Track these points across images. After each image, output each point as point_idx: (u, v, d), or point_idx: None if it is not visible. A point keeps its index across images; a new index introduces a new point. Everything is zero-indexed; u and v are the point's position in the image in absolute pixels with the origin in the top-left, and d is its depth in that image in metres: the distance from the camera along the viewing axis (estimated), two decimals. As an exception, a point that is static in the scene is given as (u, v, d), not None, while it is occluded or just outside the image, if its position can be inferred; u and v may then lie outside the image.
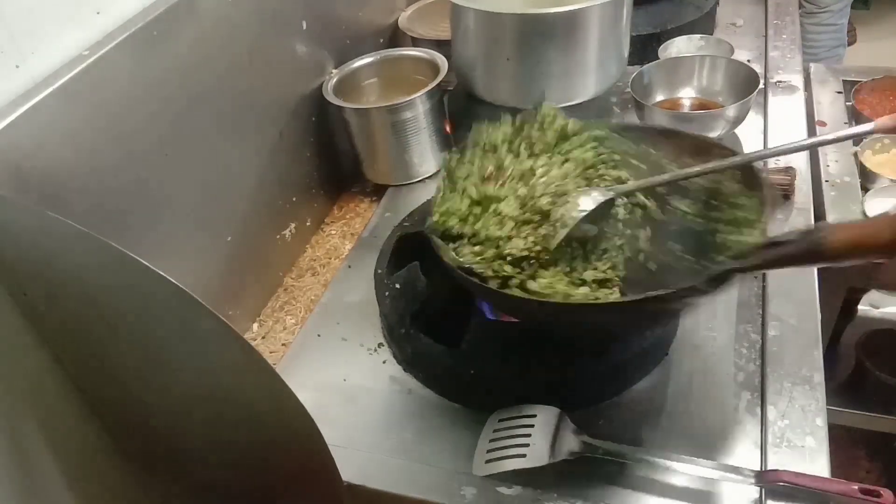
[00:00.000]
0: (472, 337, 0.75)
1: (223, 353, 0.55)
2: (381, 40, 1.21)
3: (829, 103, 1.21)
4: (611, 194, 0.73)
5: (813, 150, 1.09)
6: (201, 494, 0.82)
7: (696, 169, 0.71)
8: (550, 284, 0.69)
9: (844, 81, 1.25)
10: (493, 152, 0.77)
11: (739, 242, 0.63)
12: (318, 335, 0.86)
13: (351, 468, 0.67)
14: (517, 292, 0.67)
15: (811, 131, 1.13)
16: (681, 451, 0.67)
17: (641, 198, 0.75)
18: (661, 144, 0.78)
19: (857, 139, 1.14)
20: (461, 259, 0.69)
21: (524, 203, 0.73)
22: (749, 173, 0.68)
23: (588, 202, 0.72)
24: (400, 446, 0.72)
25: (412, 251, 0.82)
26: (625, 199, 0.75)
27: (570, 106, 1.01)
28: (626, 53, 1.07)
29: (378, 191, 1.08)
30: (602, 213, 0.74)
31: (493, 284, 0.68)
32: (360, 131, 1.02)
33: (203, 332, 0.54)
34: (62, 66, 0.62)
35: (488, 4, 0.96)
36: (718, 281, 0.58)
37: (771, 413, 0.68)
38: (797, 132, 1.04)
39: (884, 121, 0.61)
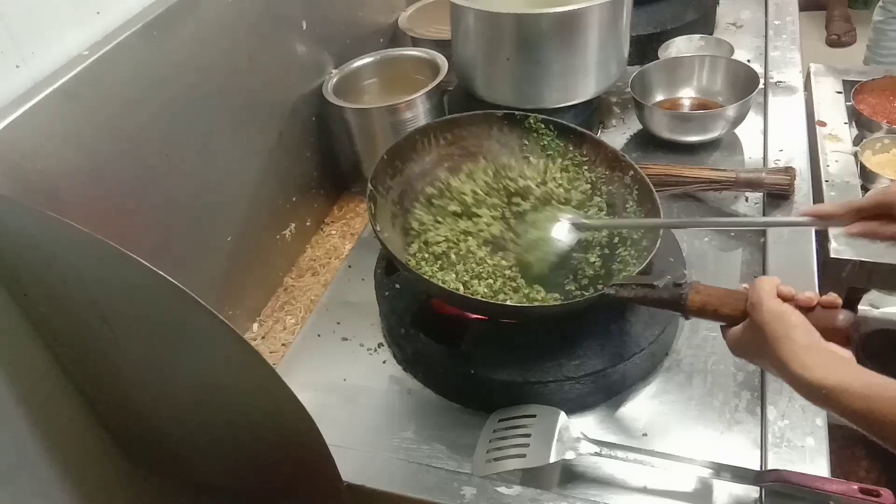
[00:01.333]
0: (472, 337, 0.75)
1: (223, 353, 0.55)
2: (381, 40, 1.21)
3: (829, 103, 1.21)
4: (579, 233, 0.80)
5: (813, 150, 1.08)
6: (201, 494, 0.82)
7: (670, 221, 0.85)
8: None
9: (844, 81, 1.25)
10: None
11: (623, 273, 0.75)
12: (318, 335, 0.86)
13: (351, 468, 0.67)
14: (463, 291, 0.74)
15: (811, 132, 1.13)
16: (681, 451, 0.67)
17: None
18: (583, 147, 0.88)
19: (857, 140, 1.14)
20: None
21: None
22: (652, 209, 0.80)
23: (567, 237, 0.79)
24: (400, 446, 0.72)
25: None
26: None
27: (570, 106, 1.01)
28: (626, 53, 1.07)
29: (378, 191, 1.08)
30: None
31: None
32: (360, 131, 1.02)
33: (203, 333, 0.54)
34: (62, 66, 0.62)
35: (488, 4, 0.96)
36: (595, 300, 0.70)
37: (771, 413, 0.68)
38: (797, 132, 1.04)
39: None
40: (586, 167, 0.87)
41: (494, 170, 0.86)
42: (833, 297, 0.57)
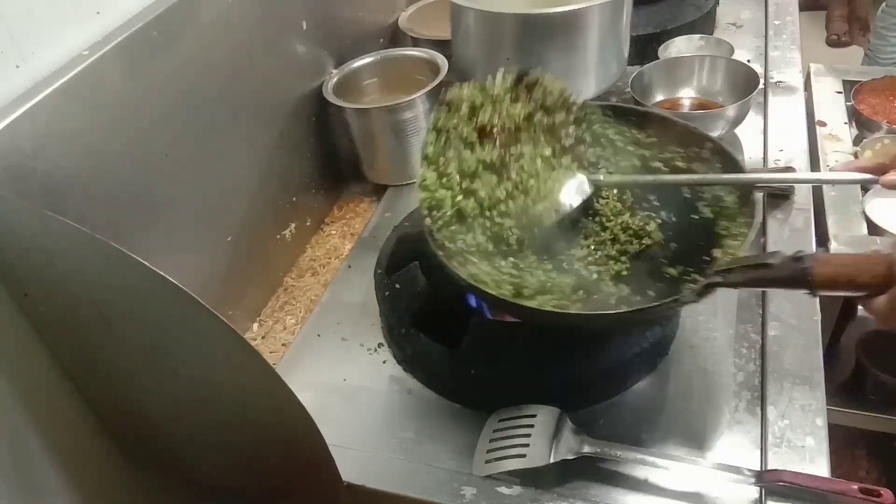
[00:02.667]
0: (472, 337, 0.75)
1: (223, 353, 0.55)
2: (381, 40, 1.21)
3: (829, 103, 1.21)
4: (590, 189, 0.75)
5: (813, 150, 1.08)
6: (201, 494, 0.82)
7: (697, 177, 0.74)
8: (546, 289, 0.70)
9: (844, 81, 1.25)
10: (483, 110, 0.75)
11: (726, 255, 0.65)
12: (318, 335, 0.86)
13: (351, 468, 0.67)
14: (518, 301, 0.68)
15: (811, 132, 1.13)
16: (681, 451, 0.67)
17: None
18: (650, 128, 0.80)
19: (857, 140, 1.14)
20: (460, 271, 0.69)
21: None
22: (745, 191, 0.70)
23: (575, 197, 0.74)
24: (400, 446, 0.72)
25: (412, 251, 0.82)
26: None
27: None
28: (626, 53, 1.07)
29: (378, 191, 1.08)
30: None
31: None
32: (360, 131, 1.02)
33: (203, 332, 0.54)
34: (62, 66, 0.62)
35: (488, 4, 0.96)
36: (700, 294, 0.61)
37: (771, 413, 0.68)
38: (797, 132, 1.04)
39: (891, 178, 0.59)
40: (657, 149, 0.80)
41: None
42: None
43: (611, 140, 0.82)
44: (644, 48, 1.19)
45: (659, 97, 1.12)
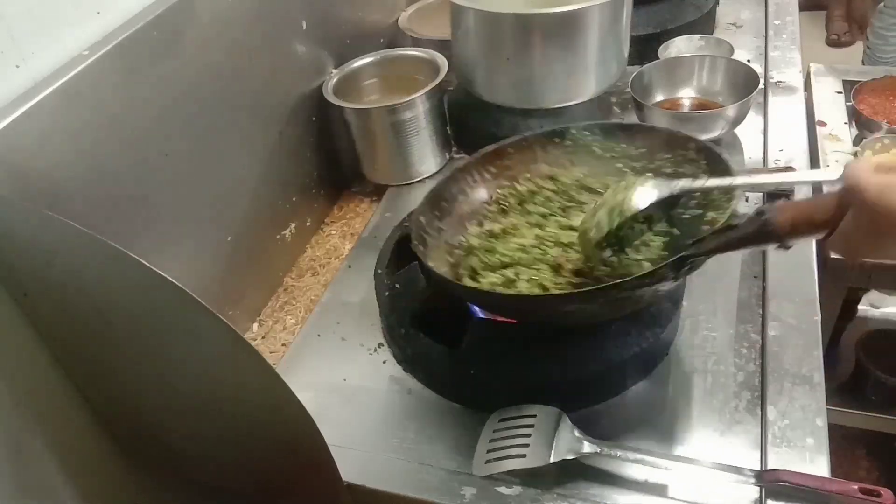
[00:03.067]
0: (471, 337, 0.75)
1: (223, 353, 0.55)
2: (381, 40, 1.21)
3: (829, 103, 1.21)
4: (668, 191, 0.70)
5: (813, 150, 1.09)
6: (201, 494, 0.82)
7: (747, 180, 0.73)
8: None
9: (844, 81, 1.25)
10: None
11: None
12: (318, 335, 0.86)
13: (351, 468, 0.67)
14: (490, 288, 0.70)
15: (811, 132, 1.13)
16: (681, 451, 0.67)
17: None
18: (637, 139, 0.81)
19: (857, 140, 1.14)
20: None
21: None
22: (726, 170, 0.70)
23: (645, 197, 0.70)
24: (400, 446, 0.72)
25: (412, 251, 0.82)
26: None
27: (570, 106, 1.01)
28: (626, 53, 1.07)
29: (378, 191, 1.08)
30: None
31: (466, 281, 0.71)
32: (360, 131, 1.02)
33: (203, 332, 0.54)
34: (62, 66, 0.62)
35: (488, 4, 0.96)
36: (675, 267, 0.60)
37: (771, 413, 0.68)
38: (797, 132, 1.04)
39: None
40: (646, 160, 0.81)
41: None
42: None
43: (598, 157, 0.83)
44: (644, 48, 1.19)
45: (659, 97, 1.12)
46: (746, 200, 0.96)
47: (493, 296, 0.69)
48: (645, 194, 0.69)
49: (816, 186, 0.93)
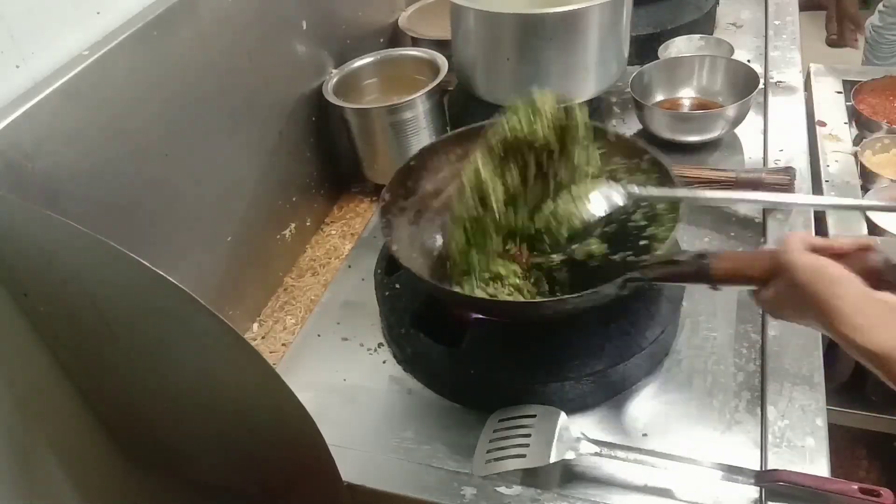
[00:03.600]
0: (472, 337, 0.75)
1: (223, 353, 0.55)
2: (381, 40, 1.21)
3: (830, 103, 1.21)
4: (621, 201, 0.74)
5: (813, 150, 1.08)
6: (201, 494, 0.82)
7: (719, 195, 0.80)
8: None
9: (844, 81, 1.25)
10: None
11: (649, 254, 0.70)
12: (318, 335, 0.86)
13: (351, 468, 0.67)
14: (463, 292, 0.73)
15: (811, 132, 1.13)
16: (681, 451, 0.67)
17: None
18: (596, 140, 0.81)
19: (857, 140, 1.14)
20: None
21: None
22: (667, 180, 0.76)
23: (602, 205, 0.74)
24: (400, 446, 0.72)
25: (412, 251, 0.82)
26: None
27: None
28: (626, 53, 1.07)
29: (378, 191, 1.08)
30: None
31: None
32: (360, 131, 1.02)
33: (203, 332, 0.54)
34: (62, 66, 0.62)
35: (488, 4, 0.96)
36: (620, 287, 0.67)
37: (771, 413, 0.68)
38: (797, 132, 1.04)
39: None
40: (603, 161, 0.81)
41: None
42: (867, 239, 0.54)
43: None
44: (644, 48, 1.19)
45: (659, 97, 1.12)
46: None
47: (455, 295, 0.72)
48: (600, 202, 0.74)
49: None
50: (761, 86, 1.07)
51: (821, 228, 0.94)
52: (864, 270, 0.51)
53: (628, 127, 1.12)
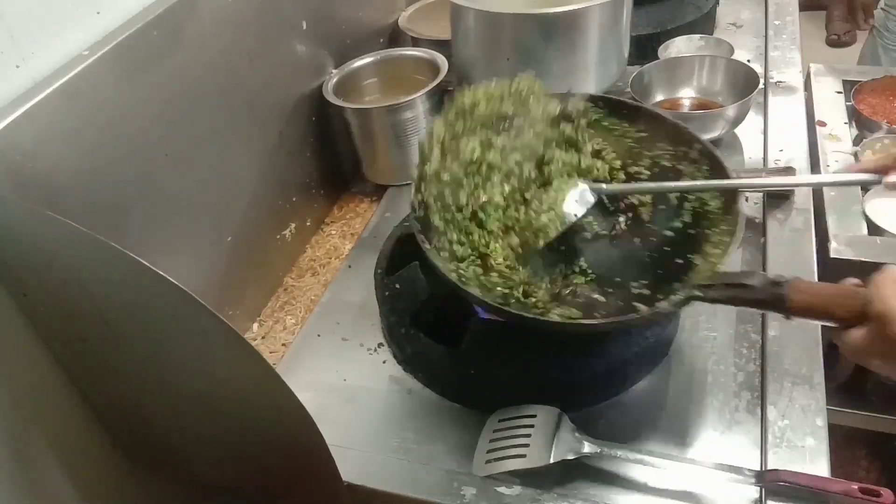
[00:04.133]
0: (472, 337, 0.75)
1: (223, 353, 0.55)
2: (381, 40, 1.21)
3: (830, 103, 1.21)
4: (593, 198, 0.75)
5: (813, 150, 1.08)
6: (201, 494, 0.82)
7: (687, 184, 0.74)
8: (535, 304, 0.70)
9: (844, 81, 1.25)
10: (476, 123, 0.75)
11: (706, 268, 0.65)
12: (318, 335, 0.86)
13: (351, 468, 0.67)
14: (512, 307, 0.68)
15: (811, 132, 1.13)
16: (681, 452, 0.67)
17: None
18: (641, 122, 0.80)
19: (857, 140, 1.14)
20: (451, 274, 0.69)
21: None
22: (731, 198, 0.70)
23: (577, 207, 0.74)
24: (400, 446, 0.72)
25: (412, 251, 0.82)
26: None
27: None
28: (626, 53, 1.07)
29: (378, 191, 1.08)
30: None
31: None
32: (360, 131, 1.02)
33: (203, 332, 0.54)
34: (62, 66, 0.62)
35: (488, 4, 0.96)
36: (678, 305, 0.62)
37: (771, 413, 0.68)
38: (797, 132, 1.04)
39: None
40: (645, 145, 0.79)
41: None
42: None
43: (608, 129, 0.81)
44: (644, 48, 1.19)
45: (659, 97, 1.12)
46: (746, 200, 0.96)
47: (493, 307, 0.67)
48: (575, 204, 0.73)
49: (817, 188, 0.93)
50: (761, 86, 1.07)
51: (820, 227, 0.94)
52: None
53: (628, 127, 1.12)
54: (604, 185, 0.75)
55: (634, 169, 0.79)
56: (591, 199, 0.74)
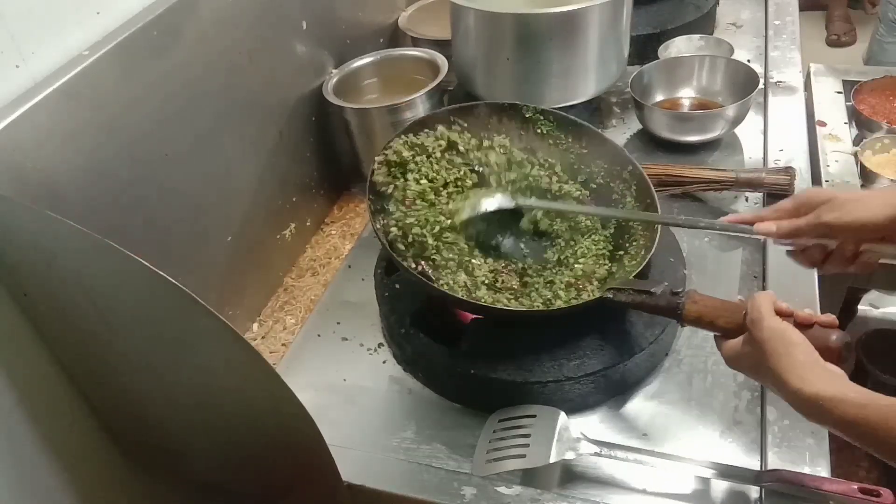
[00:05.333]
0: (471, 337, 0.75)
1: (223, 353, 0.55)
2: (381, 40, 1.21)
3: (829, 103, 1.21)
4: (511, 204, 0.81)
5: (813, 150, 1.08)
6: (201, 494, 0.82)
7: (614, 213, 0.84)
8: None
9: (844, 81, 1.25)
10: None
11: (622, 276, 0.74)
12: (318, 335, 0.86)
13: (351, 468, 0.67)
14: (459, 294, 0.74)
15: (811, 132, 1.13)
16: (681, 451, 0.67)
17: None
18: (584, 140, 0.87)
19: (857, 140, 1.14)
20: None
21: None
22: (650, 205, 0.79)
23: (491, 203, 0.81)
24: (400, 446, 0.72)
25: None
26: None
27: (570, 106, 1.01)
28: (626, 53, 1.07)
29: (378, 191, 1.08)
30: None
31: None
32: (360, 131, 1.02)
33: (203, 333, 0.54)
34: (62, 66, 0.62)
35: (488, 4, 0.96)
36: (593, 304, 0.71)
37: (771, 413, 0.68)
38: (797, 132, 1.04)
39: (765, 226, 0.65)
40: (584, 161, 0.87)
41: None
42: (831, 317, 0.57)
43: (554, 143, 0.89)
44: (644, 48, 1.19)
45: (659, 97, 1.12)
46: (746, 200, 0.96)
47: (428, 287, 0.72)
48: (490, 202, 0.80)
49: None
50: (761, 86, 1.07)
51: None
52: (822, 346, 0.55)
53: (628, 127, 1.12)
54: (532, 201, 0.82)
55: (567, 187, 0.87)
56: (510, 203, 0.81)
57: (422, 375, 0.79)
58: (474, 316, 0.78)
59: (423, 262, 0.76)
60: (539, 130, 0.88)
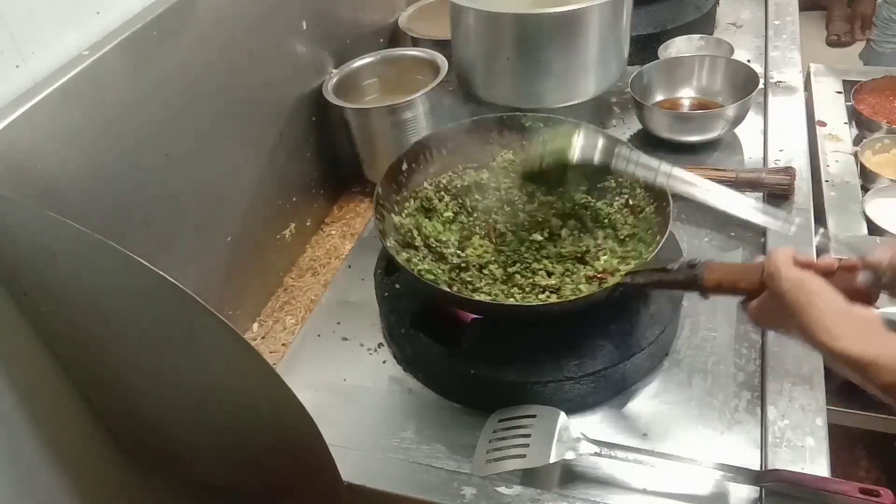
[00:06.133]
0: (472, 337, 0.75)
1: (223, 353, 0.55)
2: (381, 40, 1.21)
3: (829, 103, 1.21)
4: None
5: (813, 150, 1.09)
6: (201, 494, 0.82)
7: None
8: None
9: (844, 81, 1.25)
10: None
11: (639, 261, 0.75)
12: (318, 335, 0.86)
13: (351, 468, 0.67)
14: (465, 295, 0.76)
15: (811, 132, 1.13)
16: (681, 451, 0.67)
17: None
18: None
19: (857, 140, 1.14)
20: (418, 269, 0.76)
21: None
22: (662, 202, 0.78)
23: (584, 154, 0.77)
24: (400, 446, 0.72)
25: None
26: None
27: (569, 106, 1.01)
28: (626, 53, 1.07)
29: (378, 191, 1.08)
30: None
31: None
32: (360, 131, 1.02)
33: (203, 332, 0.54)
34: (62, 66, 0.62)
35: (488, 4, 0.96)
36: (611, 290, 0.71)
37: (771, 413, 0.68)
38: (797, 132, 1.04)
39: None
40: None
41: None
42: (853, 260, 0.55)
43: None
44: (644, 48, 1.19)
45: (659, 97, 1.12)
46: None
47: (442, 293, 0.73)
48: (585, 151, 0.76)
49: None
50: (761, 86, 1.07)
51: (820, 229, 0.94)
52: (849, 289, 0.53)
53: (628, 127, 1.12)
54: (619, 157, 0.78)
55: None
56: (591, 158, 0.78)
57: (422, 375, 0.79)
58: (474, 316, 0.78)
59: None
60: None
